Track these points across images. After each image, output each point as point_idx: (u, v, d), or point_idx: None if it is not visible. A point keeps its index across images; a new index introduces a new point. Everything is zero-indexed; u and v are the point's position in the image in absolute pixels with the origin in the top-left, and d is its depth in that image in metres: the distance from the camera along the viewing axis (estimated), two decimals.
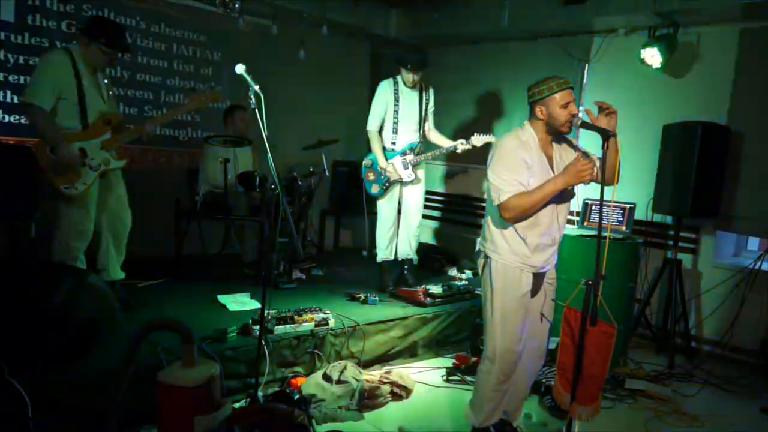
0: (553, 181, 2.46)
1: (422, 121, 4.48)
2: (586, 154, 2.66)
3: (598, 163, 2.60)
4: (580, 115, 2.53)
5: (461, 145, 4.29)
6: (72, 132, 3.40)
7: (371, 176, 4.52)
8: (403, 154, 4.44)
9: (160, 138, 4.94)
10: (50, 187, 3.39)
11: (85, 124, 3.45)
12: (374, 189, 4.53)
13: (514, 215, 2.48)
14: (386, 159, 4.43)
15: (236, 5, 4.79)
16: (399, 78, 4.42)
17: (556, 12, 4.72)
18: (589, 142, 2.77)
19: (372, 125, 4.45)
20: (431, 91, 4.52)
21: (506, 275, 2.61)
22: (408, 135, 4.45)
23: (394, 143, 4.44)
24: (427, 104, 4.49)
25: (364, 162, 4.56)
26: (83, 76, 3.41)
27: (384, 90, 4.43)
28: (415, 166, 4.46)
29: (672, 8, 4.13)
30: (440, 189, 6.38)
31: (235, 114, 4.69)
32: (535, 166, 2.51)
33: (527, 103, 2.58)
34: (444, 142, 4.47)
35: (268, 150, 2.84)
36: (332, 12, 5.38)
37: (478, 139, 4.22)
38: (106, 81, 3.63)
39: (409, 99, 4.42)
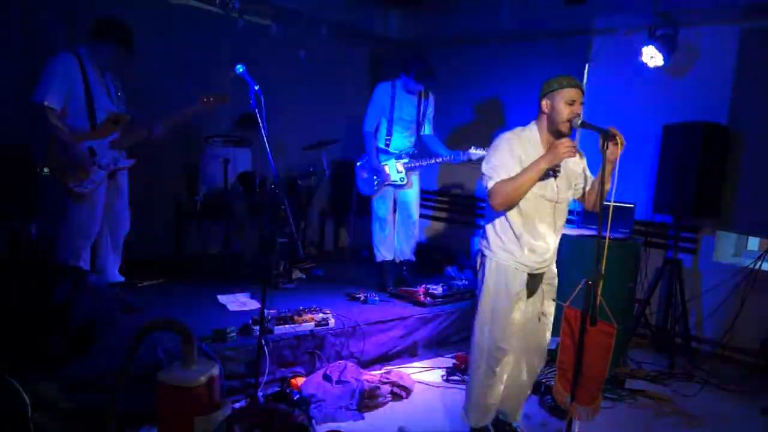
0: (536, 161, 2.46)
1: (418, 126, 4.49)
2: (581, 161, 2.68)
3: (590, 181, 2.66)
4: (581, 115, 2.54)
5: (459, 157, 4.28)
6: (81, 132, 3.43)
7: (364, 174, 4.56)
8: (399, 158, 4.45)
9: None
10: (59, 186, 3.41)
11: (93, 124, 3.48)
12: (366, 188, 4.57)
13: (500, 201, 2.51)
14: (379, 160, 4.45)
15: (236, 5, 4.79)
16: (398, 82, 4.41)
17: (556, 12, 4.72)
18: (590, 142, 2.77)
19: (367, 126, 4.46)
20: (431, 98, 4.51)
21: (499, 273, 2.62)
22: (402, 139, 4.47)
23: (387, 145, 4.46)
24: (425, 110, 4.49)
25: (359, 161, 4.58)
26: (91, 76, 3.44)
27: (380, 92, 4.43)
28: (409, 171, 4.47)
29: (672, 8, 4.13)
30: (440, 188, 6.37)
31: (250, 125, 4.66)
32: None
33: (538, 101, 2.58)
34: (441, 151, 4.46)
35: (269, 150, 2.84)
36: (332, 12, 5.37)
37: (475, 153, 4.20)
38: (115, 82, 3.65)
39: (407, 104, 4.42)
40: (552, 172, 2.56)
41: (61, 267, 3.28)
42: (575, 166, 2.66)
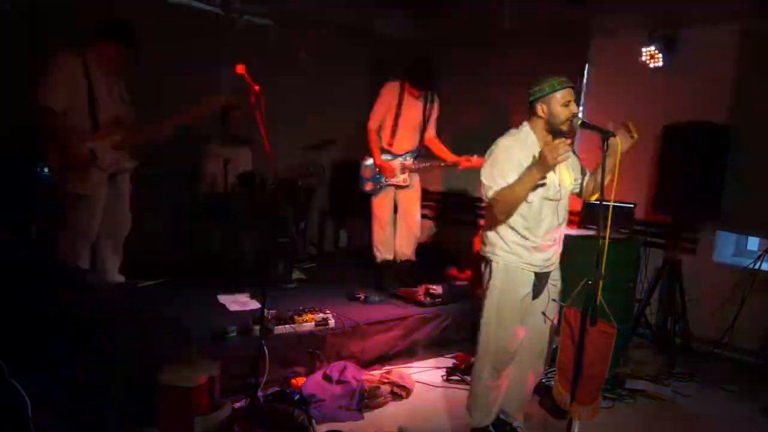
0: (529, 170, 2.42)
1: (423, 128, 4.48)
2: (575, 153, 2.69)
3: (587, 175, 2.68)
4: (580, 114, 2.54)
5: (465, 162, 4.27)
6: (83, 133, 3.43)
7: (367, 173, 4.54)
8: (404, 158, 4.46)
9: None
10: (59, 186, 3.40)
11: (96, 126, 3.47)
12: (367, 186, 4.56)
13: (499, 209, 2.50)
14: (381, 159, 4.45)
15: (236, 5, 4.79)
16: (406, 83, 4.40)
17: (556, 12, 4.72)
18: (590, 143, 2.77)
19: (372, 124, 4.46)
20: (436, 101, 4.50)
21: (507, 275, 2.61)
22: (406, 140, 4.47)
23: (390, 145, 4.46)
24: (430, 113, 4.48)
25: (363, 159, 4.58)
26: (94, 77, 3.44)
27: (389, 92, 4.42)
28: (412, 172, 4.47)
29: (672, 8, 4.13)
30: (440, 188, 6.37)
31: (231, 113, 4.68)
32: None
33: (528, 102, 2.58)
34: (445, 155, 4.45)
35: (268, 150, 2.84)
36: (333, 12, 5.37)
37: (479, 160, 4.19)
38: (119, 83, 3.65)
39: (413, 106, 4.41)
40: (554, 170, 2.56)
41: (61, 267, 3.29)
42: (572, 161, 2.67)
